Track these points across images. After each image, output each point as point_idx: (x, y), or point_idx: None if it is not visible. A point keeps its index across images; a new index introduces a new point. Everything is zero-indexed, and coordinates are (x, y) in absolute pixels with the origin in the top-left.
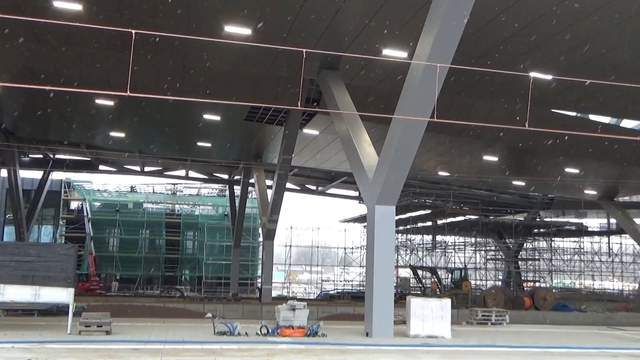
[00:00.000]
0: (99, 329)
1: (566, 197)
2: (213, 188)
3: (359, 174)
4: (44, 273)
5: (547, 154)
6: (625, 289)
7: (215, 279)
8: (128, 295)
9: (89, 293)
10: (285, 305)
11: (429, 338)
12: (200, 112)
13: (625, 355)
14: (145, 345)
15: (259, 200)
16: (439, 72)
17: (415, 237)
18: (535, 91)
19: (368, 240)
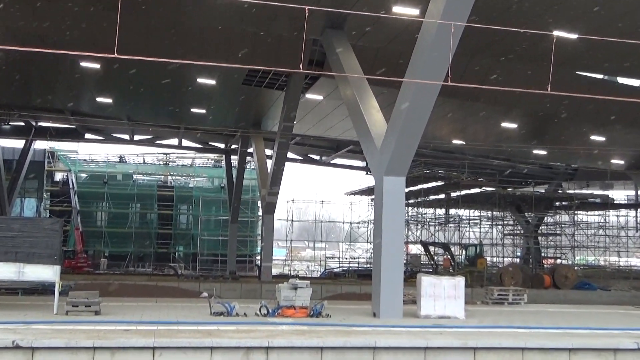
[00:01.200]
0: (88, 309)
1: (591, 167)
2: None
3: (366, 142)
4: (28, 249)
5: (571, 120)
6: None
7: (211, 256)
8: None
9: (76, 271)
10: (287, 284)
11: (441, 319)
12: (194, 75)
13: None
14: (137, 327)
15: (257, 171)
16: (454, 32)
17: (426, 210)
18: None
19: (376, 214)
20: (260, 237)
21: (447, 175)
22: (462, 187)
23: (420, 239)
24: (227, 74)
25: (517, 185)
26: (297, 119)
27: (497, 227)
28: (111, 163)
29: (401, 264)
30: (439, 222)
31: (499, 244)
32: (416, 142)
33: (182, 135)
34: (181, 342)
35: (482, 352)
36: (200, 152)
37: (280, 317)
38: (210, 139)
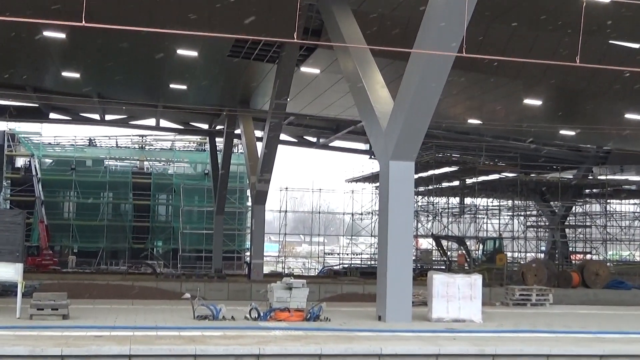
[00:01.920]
0: (54, 312)
1: (626, 149)
2: (190, 141)
3: (369, 122)
4: None
5: (603, 96)
6: None
7: (194, 252)
8: (88, 272)
9: (41, 269)
10: (280, 283)
11: (455, 322)
12: (173, 46)
13: None
14: (111, 332)
15: (246, 156)
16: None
17: (438, 200)
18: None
19: (381, 204)
20: (249, 230)
21: (462, 160)
22: (478, 173)
23: (432, 232)
24: (211, 45)
25: (541, 170)
26: (291, 96)
27: (518, 218)
28: (79, 147)
29: (410, 260)
30: (453, 212)
31: (520, 237)
32: (427, 122)
33: (160, 114)
34: (161, 349)
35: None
36: (181, 134)
37: (273, 321)
38: (192, 119)
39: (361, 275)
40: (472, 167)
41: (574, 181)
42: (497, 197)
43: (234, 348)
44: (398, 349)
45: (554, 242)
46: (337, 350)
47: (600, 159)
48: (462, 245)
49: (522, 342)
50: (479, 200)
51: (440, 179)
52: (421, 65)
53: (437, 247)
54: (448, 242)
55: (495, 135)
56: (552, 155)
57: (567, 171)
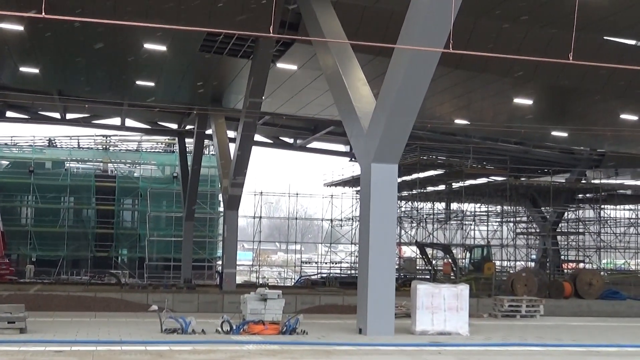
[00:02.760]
0: (11, 325)
1: (621, 152)
2: (158, 142)
3: (350, 122)
4: None
5: (597, 95)
6: None
7: (161, 261)
8: (48, 282)
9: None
10: (254, 294)
11: (440, 335)
12: (140, 40)
13: None
14: (72, 347)
15: (218, 158)
16: None
17: (423, 205)
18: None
19: (362, 210)
20: (221, 237)
21: (448, 163)
22: (466, 177)
23: (416, 240)
24: (180, 39)
25: (532, 174)
26: (267, 94)
27: (507, 225)
28: (38, 148)
29: (393, 269)
30: (438, 219)
31: (510, 244)
32: (411, 122)
33: (125, 113)
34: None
35: None
36: (148, 134)
37: (246, 335)
38: (160, 118)
39: (341, 285)
40: (459, 171)
41: (567, 185)
42: (485, 202)
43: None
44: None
45: (545, 250)
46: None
47: (594, 162)
48: (448, 254)
49: (511, 355)
50: (466, 205)
51: (425, 182)
52: (405, 61)
53: (421, 256)
54: (433, 250)
55: (484, 136)
56: (544, 158)
57: (559, 175)
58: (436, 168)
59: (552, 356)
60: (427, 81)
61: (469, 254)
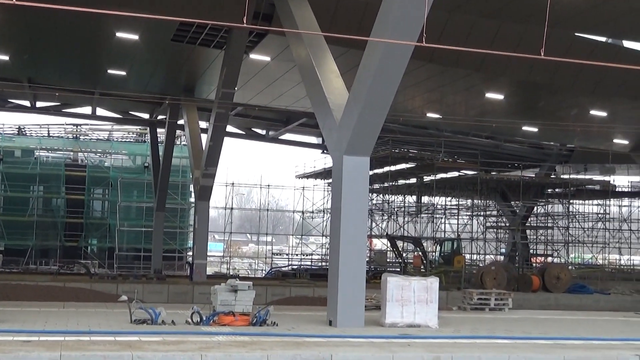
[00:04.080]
0: None
1: (590, 147)
2: (129, 131)
3: (322, 114)
4: None
5: (568, 91)
6: None
7: (132, 251)
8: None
9: None
10: (225, 285)
11: (410, 327)
12: (112, 28)
13: None
14: (40, 337)
15: (190, 148)
16: None
17: (394, 198)
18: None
19: (333, 202)
20: (192, 228)
21: (420, 156)
22: (437, 170)
23: (387, 232)
24: (153, 28)
25: (502, 168)
26: (239, 85)
27: (478, 219)
28: (7, 136)
29: (363, 261)
30: (409, 212)
31: (480, 238)
32: (383, 115)
33: (96, 102)
34: (94, 355)
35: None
36: (120, 124)
37: (216, 326)
38: (131, 108)
39: (311, 277)
40: (430, 164)
41: (536, 180)
42: (455, 195)
43: (173, 354)
44: (349, 356)
45: (514, 243)
46: (285, 357)
47: (564, 157)
48: (418, 247)
49: (480, 348)
50: (437, 199)
51: (397, 176)
52: (379, 54)
53: (392, 248)
54: (404, 243)
55: (455, 130)
56: (514, 153)
57: (529, 169)
58: (408, 161)
59: (519, 349)
60: (399, 74)
61: (439, 247)
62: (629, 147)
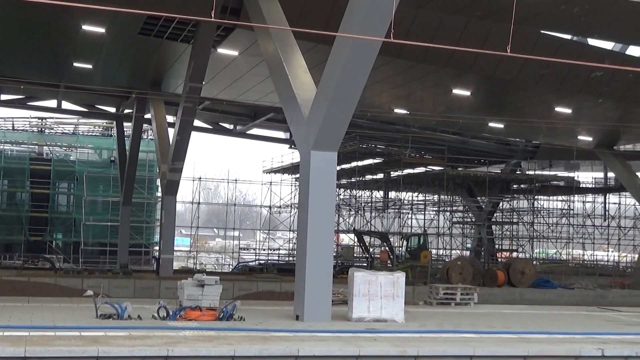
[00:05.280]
0: None
1: (555, 144)
2: (95, 125)
3: (290, 109)
4: None
5: (534, 88)
6: (621, 261)
7: (97, 246)
8: None
9: None
10: (191, 280)
11: (376, 322)
12: (78, 21)
13: (617, 342)
14: (4, 332)
15: (157, 142)
16: None
17: (361, 193)
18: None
19: (301, 197)
20: (158, 223)
21: (387, 151)
22: (404, 166)
23: (354, 227)
24: (120, 21)
25: (469, 164)
26: (207, 79)
27: (444, 214)
28: None
29: (330, 256)
30: (376, 207)
31: (446, 233)
32: (351, 110)
33: (62, 95)
34: (59, 350)
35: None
36: (85, 117)
37: (183, 321)
38: (97, 101)
39: (278, 272)
40: (397, 160)
41: (502, 176)
42: (422, 191)
43: (140, 349)
44: (316, 350)
45: (480, 239)
46: (252, 352)
47: (529, 153)
48: (385, 242)
49: (445, 342)
50: (404, 194)
51: (364, 171)
52: (347, 50)
53: (359, 243)
54: (370, 238)
55: (422, 126)
56: (480, 149)
57: (495, 165)
58: (375, 157)
59: (484, 343)
60: (367, 70)
61: (406, 242)
62: (593, 143)
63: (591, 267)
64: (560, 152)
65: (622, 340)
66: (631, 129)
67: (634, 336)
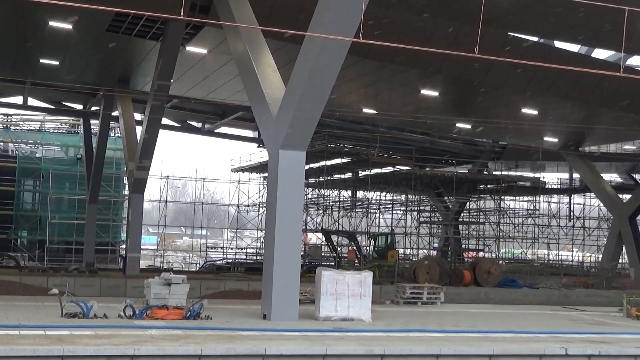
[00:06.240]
0: None
1: (521, 145)
2: (62, 122)
3: (259, 108)
4: None
5: (501, 89)
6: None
7: (63, 244)
8: None
9: None
10: (158, 279)
11: (344, 321)
12: (45, 17)
13: (580, 341)
14: None
15: (124, 140)
16: None
17: (330, 192)
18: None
19: (269, 196)
20: (125, 221)
21: (355, 151)
22: (372, 165)
23: (322, 227)
24: (87, 18)
25: (436, 164)
26: (175, 77)
27: (411, 214)
28: None
29: (298, 255)
30: (344, 206)
31: (413, 233)
32: (320, 109)
33: (28, 92)
34: (24, 350)
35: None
36: (52, 114)
37: (150, 320)
38: (64, 98)
39: (246, 271)
40: (366, 159)
41: (469, 176)
42: (390, 191)
43: (105, 348)
44: (283, 349)
45: (447, 238)
46: (219, 351)
47: (496, 154)
48: (352, 241)
49: (412, 341)
50: (372, 193)
51: (332, 170)
52: (316, 49)
53: (326, 242)
54: (338, 237)
55: (391, 126)
56: (448, 149)
57: (462, 166)
58: (343, 156)
59: (450, 342)
60: (336, 69)
61: (374, 241)
62: (558, 145)
63: (556, 267)
64: (526, 153)
65: (586, 339)
66: (596, 131)
67: (597, 335)
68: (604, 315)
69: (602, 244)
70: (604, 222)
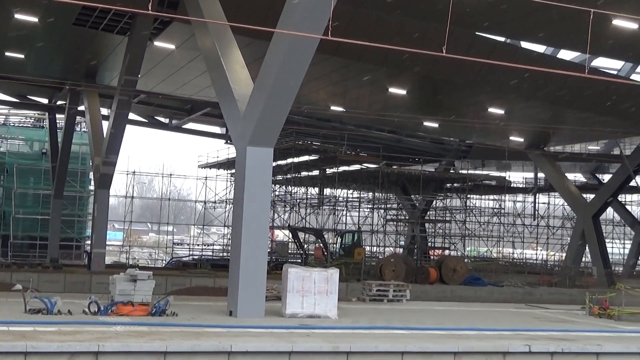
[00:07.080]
0: None
1: (487, 144)
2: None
3: (227, 104)
4: None
5: (467, 89)
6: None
7: (27, 239)
8: None
9: None
10: (123, 275)
11: (310, 318)
12: (10, 9)
13: (543, 338)
14: None
15: (90, 135)
16: None
17: (297, 189)
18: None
19: (236, 193)
20: (91, 216)
21: (323, 148)
22: (339, 163)
23: (289, 224)
24: (54, 11)
25: (403, 162)
26: (142, 72)
27: (378, 212)
28: None
29: (265, 252)
30: (311, 203)
31: (380, 231)
32: (288, 106)
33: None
34: None
35: (356, 357)
36: (17, 108)
37: (115, 316)
38: (29, 92)
39: (212, 267)
40: (333, 157)
41: (436, 174)
42: (357, 188)
43: (69, 344)
44: (249, 346)
45: (413, 236)
46: (184, 347)
47: (462, 152)
48: (319, 238)
49: (377, 338)
50: (339, 191)
51: (299, 167)
52: (284, 46)
53: (293, 239)
54: (305, 235)
55: (358, 124)
56: (415, 147)
57: (429, 164)
58: (311, 153)
59: (415, 339)
60: (305, 66)
61: (340, 239)
62: (524, 144)
63: (520, 265)
64: (492, 152)
65: (549, 337)
66: (561, 131)
67: (559, 333)
68: (566, 314)
69: (566, 243)
70: (568, 222)
